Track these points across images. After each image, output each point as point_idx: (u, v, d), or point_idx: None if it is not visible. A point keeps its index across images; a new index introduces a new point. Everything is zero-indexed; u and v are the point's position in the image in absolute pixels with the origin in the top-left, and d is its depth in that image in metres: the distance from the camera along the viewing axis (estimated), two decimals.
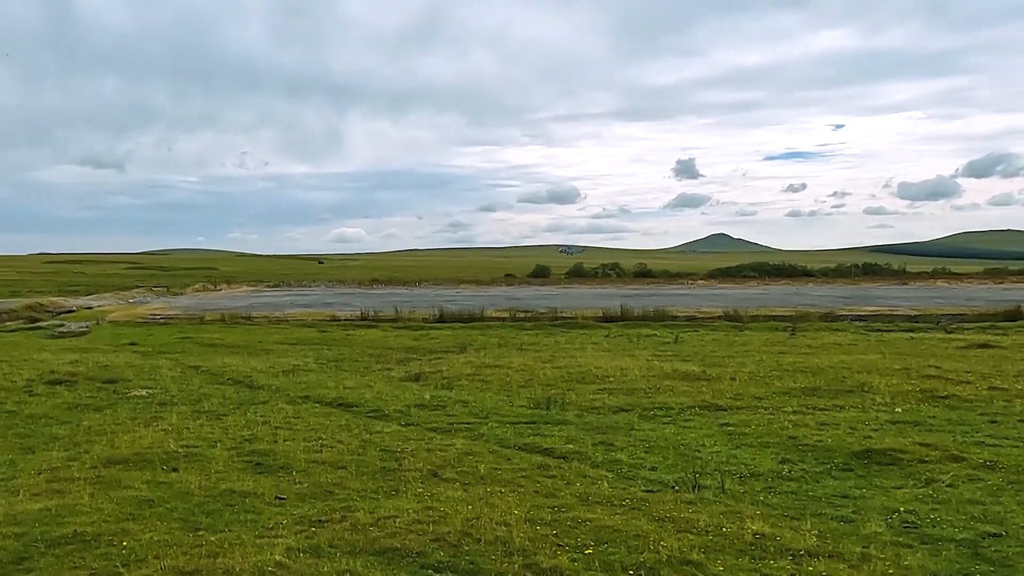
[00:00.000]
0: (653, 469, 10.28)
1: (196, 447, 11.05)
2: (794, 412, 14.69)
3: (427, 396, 16.62)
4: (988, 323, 36.09)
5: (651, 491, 9.08)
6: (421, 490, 8.90)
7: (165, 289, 69.20)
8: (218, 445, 11.20)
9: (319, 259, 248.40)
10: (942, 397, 15.88)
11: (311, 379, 19.25)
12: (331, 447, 11.15)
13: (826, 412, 14.69)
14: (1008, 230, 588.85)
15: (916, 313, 41.17)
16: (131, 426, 12.99)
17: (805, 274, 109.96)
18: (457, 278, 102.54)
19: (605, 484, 9.26)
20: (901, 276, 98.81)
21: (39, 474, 9.85)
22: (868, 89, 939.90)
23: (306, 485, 9.03)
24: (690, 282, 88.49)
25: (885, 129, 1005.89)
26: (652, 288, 71.89)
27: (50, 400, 15.70)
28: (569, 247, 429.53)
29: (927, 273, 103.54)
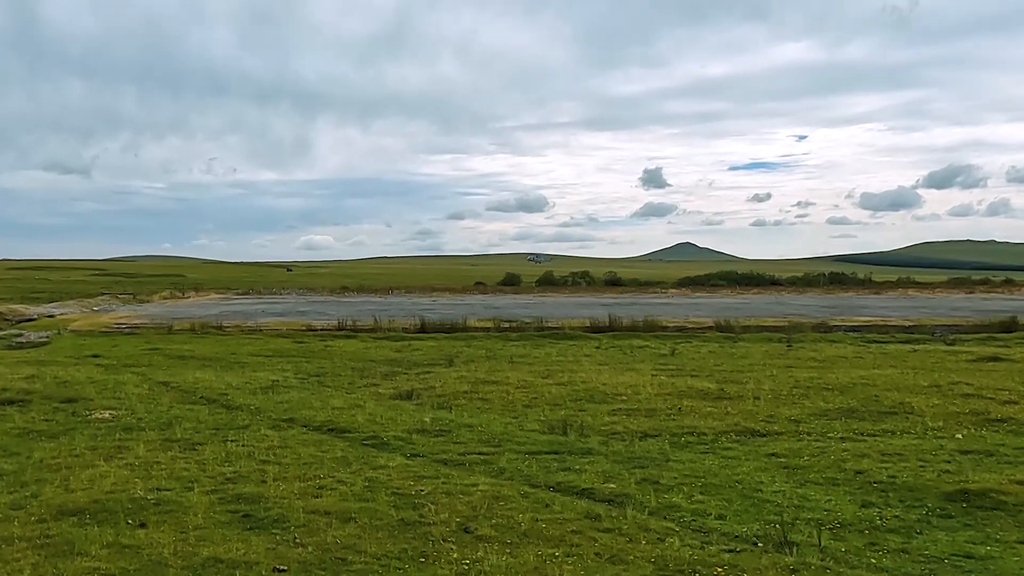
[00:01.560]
0: (721, 518, 8.62)
1: (168, 491, 9.21)
2: (843, 438, 13.17)
3: (427, 419, 14.89)
4: (984, 335, 35.07)
5: (734, 550, 7.42)
6: (456, 554, 7.13)
7: (131, 296, 66.70)
8: (195, 487, 9.37)
9: (288, 266, 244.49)
10: (998, 420, 14.41)
11: (294, 398, 17.43)
12: (331, 489, 9.36)
13: (879, 439, 13.16)
14: (968, 240, 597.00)
15: (910, 324, 40.04)
16: (91, 459, 11.12)
17: (773, 283, 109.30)
18: (429, 286, 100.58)
19: (676, 541, 7.58)
20: (868, 285, 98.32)
21: None
22: (830, 101, 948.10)
23: (310, 548, 7.22)
24: (663, 290, 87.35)
25: (847, 140, 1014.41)
26: (630, 297, 70.55)
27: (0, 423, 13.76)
28: (537, 255, 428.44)
29: (893, 282, 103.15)
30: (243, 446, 12.00)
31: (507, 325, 36.93)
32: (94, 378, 19.72)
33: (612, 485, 9.95)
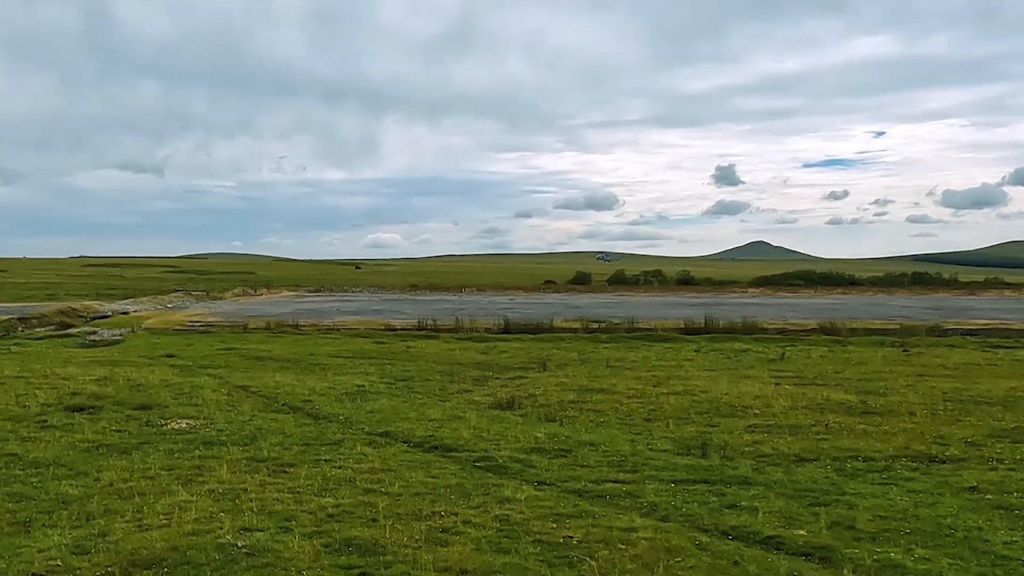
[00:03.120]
0: None
1: (261, 531, 7.50)
2: None
3: (539, 434, 13.06)
4: None
5: None
6: None
7: (204, 293, 66.34)
8: (293, 527, 7.65)
9: (356, 264, 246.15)
10: None
11: (385, 406, 15.76)
12: (459, 533, 7.55)
13: None
14: None
15: None
16: (167, 482, 9.52)
17: (853, 283, 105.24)
18: (500, 284, 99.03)
19: None
20: (956, 286, 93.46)
21: None
22: (909, 96, 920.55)
23: None
24: (742, 290, 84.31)
25: (927, 136, 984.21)
26: (711, 296, 67.88)
27: (65, 436, 12.29)
28: (605, 254, 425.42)
29: (981, 283, 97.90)
30: (340, 468, 10.31)
31: (596, 326, 34.92)
32: (169, 381, 18.34)
33: (801, 532, 7.97)
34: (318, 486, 9.31)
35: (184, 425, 13.39)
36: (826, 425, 14.03)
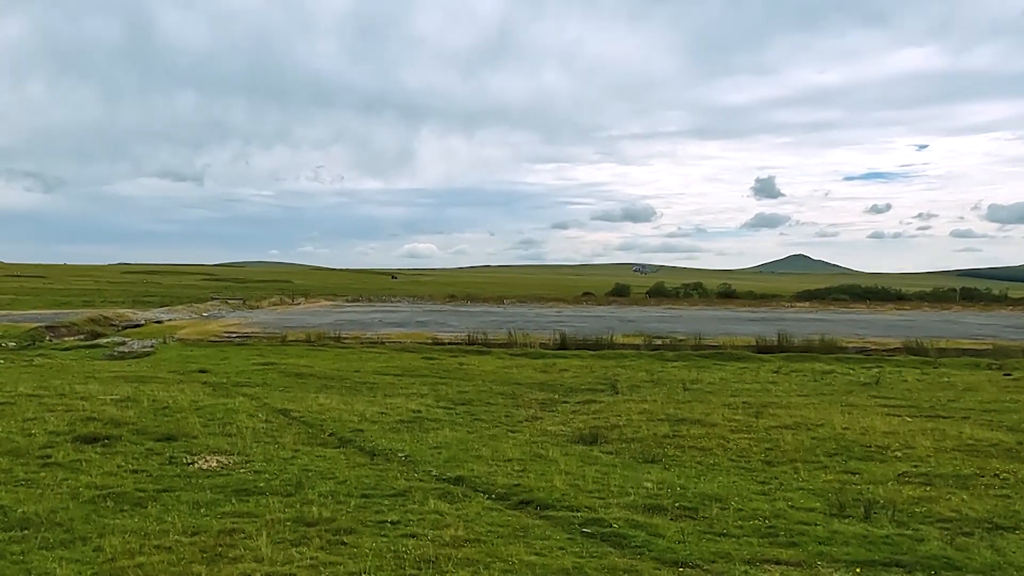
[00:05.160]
0: None
1: None
2: None
3: (647, 483, 10.58)
4: None
5: None
6: None
7: (241, 302, 64.61)
8: None
9: (392, 274, 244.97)
10: None
11: (449, 439, 13.35)
12: None
13: None
14: None
15: None
16: (187, 559, 7.15)
17: (900, 298, 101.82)
18: (538, 295, 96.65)
19: None
20: (1009, 302, 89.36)
21: None
22: (952, 109, 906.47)
23: None
24: (789, 304, 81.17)
25: (971, 150, 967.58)
26: (766, 311, 64.91)
27: (69, 479, 10.00)
28: (643, 266, 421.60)
29: None
30: (413, 536, 7.88)
31: (660, 342, 32.34)
32: (200, 403, 16.06)
33: None
34: (390, 570, 6.89)
35: (215, 464, 11.06)
36: (996, 475, 11.40)
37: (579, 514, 8.98)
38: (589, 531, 8.46)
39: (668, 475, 11.28)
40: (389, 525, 8.28)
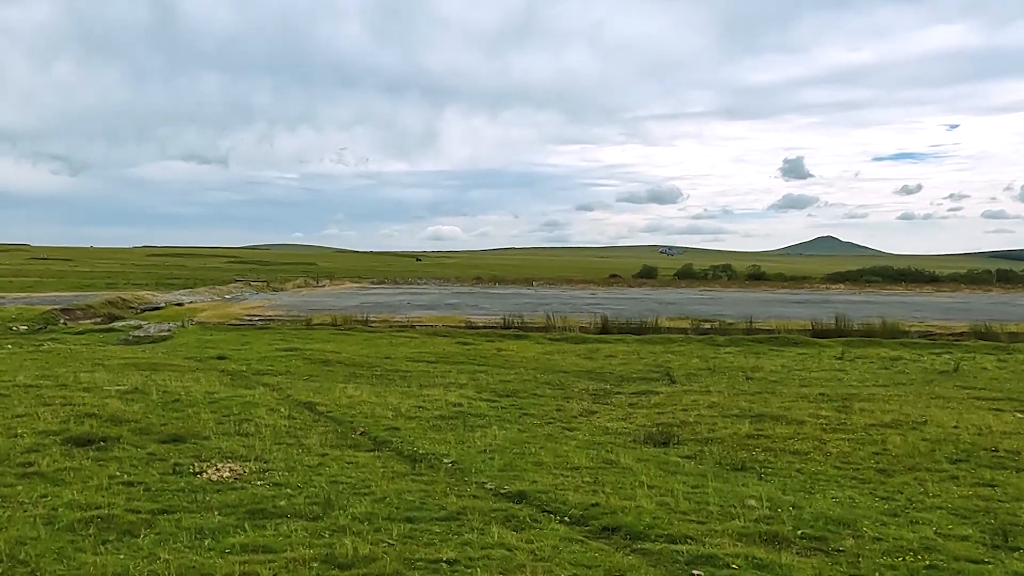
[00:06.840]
0: None
1: None
2: None
3: (750, 500, 8.66)
4: None
5: None
6: None
7: (265, 284, 63.11)
8: None
9: (416, 256, 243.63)
10: None
11: (500, 440, 11.48)
12: None
13: None
14: None
15: None
16: None
17: (933, 279, 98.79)
18: (567, 277, 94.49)
19: None
20: None
21: None
22: (985, 87, 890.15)
23: None
24: (824, 285, 78.68)
25: (1004, 129, 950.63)
26: (807, 292, 62.49)
27: (49, 495, 8.21)
28: (669, 248, 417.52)
29: None
30: None
31: (708, 326, 30.27)
32: (215, 395, 14.29)
33: None
34: None
35: (227, 473, 9.25)
36: None
37: (681, 547, 7.08)
38: (701, 574, 6.56)
39: (767, 488, 9.36)
40: (445, 567, 6.42)
